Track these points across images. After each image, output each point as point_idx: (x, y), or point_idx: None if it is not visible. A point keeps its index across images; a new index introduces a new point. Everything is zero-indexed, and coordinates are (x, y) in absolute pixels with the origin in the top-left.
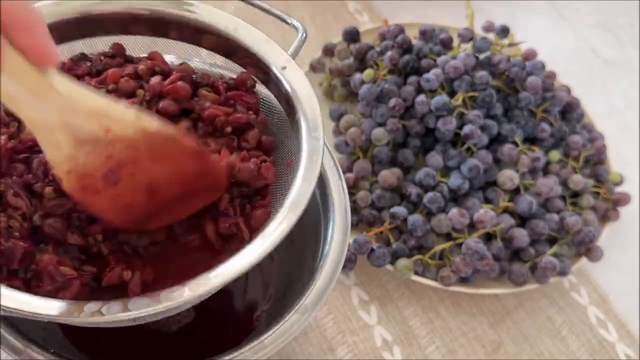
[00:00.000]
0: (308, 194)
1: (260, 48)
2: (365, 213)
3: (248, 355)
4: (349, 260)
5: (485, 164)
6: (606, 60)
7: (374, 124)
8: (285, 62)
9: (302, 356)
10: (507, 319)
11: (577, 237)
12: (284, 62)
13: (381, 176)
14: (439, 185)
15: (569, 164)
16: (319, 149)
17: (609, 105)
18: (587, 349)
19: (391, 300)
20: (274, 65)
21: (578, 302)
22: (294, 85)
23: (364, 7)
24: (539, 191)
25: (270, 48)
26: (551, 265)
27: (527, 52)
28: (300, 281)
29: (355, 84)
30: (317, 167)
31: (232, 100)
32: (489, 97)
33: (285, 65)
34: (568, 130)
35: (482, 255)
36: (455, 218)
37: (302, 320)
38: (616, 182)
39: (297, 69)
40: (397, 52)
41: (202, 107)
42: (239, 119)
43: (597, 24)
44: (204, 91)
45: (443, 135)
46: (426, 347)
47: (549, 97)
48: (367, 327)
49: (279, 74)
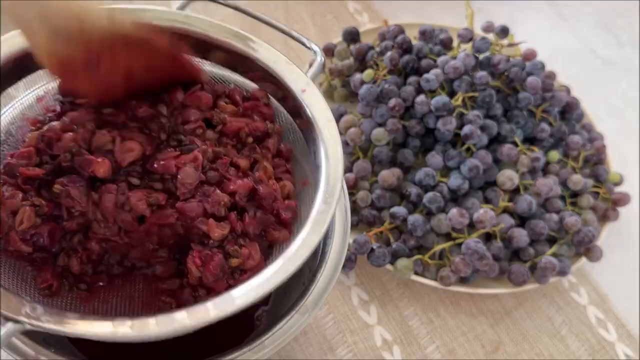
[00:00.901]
0: (329, 216)
1: (280, 69)
2: (365, 213)
3: (248, 355)
4: (349, 260)
5: (485, 164)
6: (606, 60)
7: (374, 124)
8: (305, 85)
9: (302, 356)
10: (506, 318)
11: (576, 237)
12: (304, 85)
13: (381, 176)
14: (439, 185)
15: (569, 164)
16: (339, 172)
17: (609, 105)
18: (586, 349)
19: (391, 300)
20: (294, 87)
21: (577, 302)
22: (313, 109)
23: (364, 7)
24: (539, 191)
25: (291, 70)
26: (551, 265)
27: (527, 52)
28: (300, 281)
29: (355, 84)
30: (337, 190)
31: (250, 111)
32: (489, 97)
33: (304, 88)
34: (568, 130)
35: (481, 255)
36: (455, 218)
37: (302, 320)
38: (616, 182)
39: (317, 92)
40: (397, 52)
41: (221, 118)
42: (258, 128)
43: (596, 24)
44: (222, 102)
45: (443, 135)
46: (426, 347)
47: (549, 97)
48: (367, 327)
49: (299, 96)
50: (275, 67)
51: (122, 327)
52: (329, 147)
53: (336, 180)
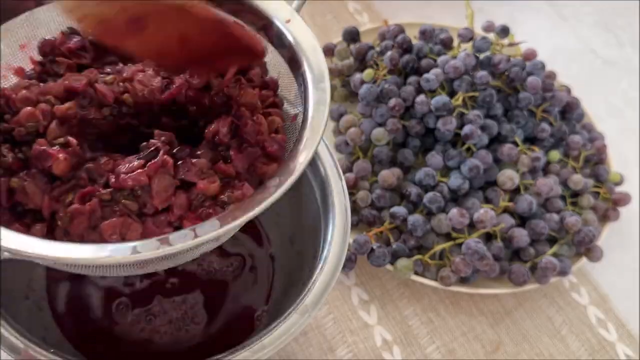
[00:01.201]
0: (315, 144)
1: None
2: (365, 213)
3: (248, 355)
4: (349, 260)
5: (485, 164)
6: (606, 60)
7: (374, 124)
8: (290, 15)
9: (302, 356)
10: (506, 318)
11: (577, 237)
12: (288, 15)
13: (381, 176)
14: (439, 185)
15: (569, 163)
16: (326, 100)
17: (609, 105)
18: (586, 349)
19: (391, 300)
20: (276, 19)
21: (578, 302)
22: (298, 38)
23: (364, 7)
24: (539, 191)
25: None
26: (551, 265)
27: (527, 52)
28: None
29: (355, 84)
30: (324, 118)
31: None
32: (489, 97)
33: (289, 18)
34: (568, 130)
35: (482, 255)
36: (455, 218)
37: (302, 320)
38: (616, 182)
39: (301, 22)
40: (397, 52)
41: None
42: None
43: (596, 24)
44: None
45: (443, 135)
46: (426, 347)
47: (549, 97)
48: (367, 327)
49: (282, 27)
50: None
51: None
52: (316, 76)
53: (324, 108)
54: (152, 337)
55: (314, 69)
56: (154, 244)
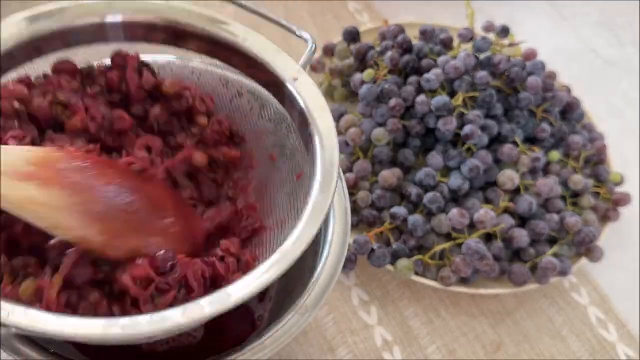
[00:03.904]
0: (326, 206)
1: (270, 58)
2: (365, 213)
3: (248, 355)
4: (349, 260)
5: (485, 164)
6: (606, 60)
7: (374, 124)
8: (297, 73)
9: (302, 356)
10: (507, 319)
11: (577, 237)
12: (295, 74)
13: (381, 176)
14: (439, 185)
15: (569, 164)
16: (335, 161)
17: (609, 105)
18: (587, 349)
19: (391, 300)
20: (284, 77)
21: (578, 302)
22: (306, 97)
23: (364, 7)
24: (539, 191)
25: (281, 58)
26: (551, 265)
27: (527, 52)
28: (300, 281)
29: (355, 84)
30: (333, 179)
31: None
32: (489, 97)
33: (296, 76)
34: (568, 130)
35: (482, 255)
36: (455, 218)
37: (302, 321)
38: (616, 182)
39: (309, 80)
40: (397, 52)
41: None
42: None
43: (597, 24)
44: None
45: (443, 135)
46: (426, 347)
47: (549, 97)
48: (367, 327)
49: (290, 85)
50: (264, 55)
51: (113, 328)
52: (323, 135)
53: (332, 169)
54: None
55: (321, 130)
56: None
